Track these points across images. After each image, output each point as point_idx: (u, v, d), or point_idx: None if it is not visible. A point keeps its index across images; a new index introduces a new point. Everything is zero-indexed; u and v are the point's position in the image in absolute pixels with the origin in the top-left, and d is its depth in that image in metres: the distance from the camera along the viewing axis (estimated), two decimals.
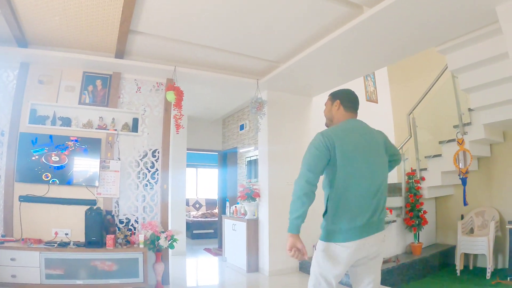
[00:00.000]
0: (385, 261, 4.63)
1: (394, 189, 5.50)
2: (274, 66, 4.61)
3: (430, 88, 5.32)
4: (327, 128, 2.28)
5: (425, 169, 5.32)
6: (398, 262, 4.63)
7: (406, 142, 5.26)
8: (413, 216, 5.05)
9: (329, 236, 1.99)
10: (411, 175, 5.22)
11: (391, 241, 5.01)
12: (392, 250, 5.02)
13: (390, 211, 4.55)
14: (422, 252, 5.12)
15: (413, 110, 5.38)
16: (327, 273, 1.99)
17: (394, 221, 5.03)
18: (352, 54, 4.11)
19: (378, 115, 6.76)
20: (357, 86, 6.33)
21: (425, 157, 5.39)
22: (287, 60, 4.40)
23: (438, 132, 5.54)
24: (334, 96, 2.33)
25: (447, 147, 5.13)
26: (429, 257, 5.07)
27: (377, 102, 6.85)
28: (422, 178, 5.26)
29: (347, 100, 2.28)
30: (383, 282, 4.30)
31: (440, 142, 5.26)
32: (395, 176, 5.94)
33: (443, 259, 5.31)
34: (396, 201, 5.24)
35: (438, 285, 4.45)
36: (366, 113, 6.40)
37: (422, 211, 5.13)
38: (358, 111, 2.33)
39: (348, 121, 2.23)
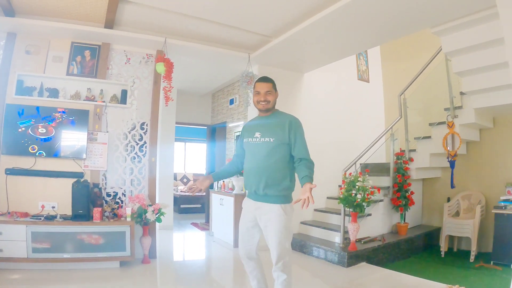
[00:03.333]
0: (370, 240, 4.72)
1: (382, 169, 5.53)
2: (267, 40, 4.54)
3: (423, 70, 5.29)
4: (266, 110, 2.69)
5: (414, 150, 5.34)
6: (384, 241, 4.72)
7: (396, 122, 5.25)
8: (400, 196, 5.11)
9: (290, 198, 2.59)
10: (400, 155, 5.24)
11: (377, 221, 5.09)
12: (378, 229, 5.10)
13: (378, 190, 4.58)
14: (408, 232, 5.21)
15: (404, 91, 5.36)
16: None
17: (381, 200, 5.09)
18: (345, 31, 4.06)
19: (369, 95, 6.78)
20: (349, 64, 6.34)
21: (415, 138, 5.40)
22: (279, 34, 4.33)
23: (428, 114, 5.55)
24: (275, 87, 2.73)
25: (437, 129, 5.15)
26: (414, 238, 5.16)
27: (368, 82, 6.82)
28: (411, 159, 5.29)
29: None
30: (369, 261, 4.40)
31: (430, 124, 5.28)
32: (383, 156, 6.00)
33: (428, 240, 5.41)
34: (384, 181, 5.27)
35: (422, 266, 4.53)
36: (357, 92, 6.52)
37: (409, 192, 5.19)
38: None
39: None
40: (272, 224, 2.48)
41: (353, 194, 4.24)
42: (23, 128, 4.03)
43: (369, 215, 4.87)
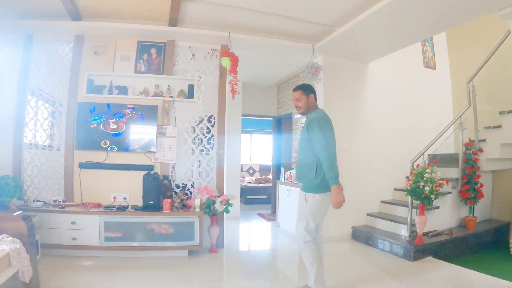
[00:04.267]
0: (437, 234, 4.54)
1: (450, 160, 5.28)
2: (330, 30, 4.47)
3: (491, 55, 4.98)
4: (302, 114, 3.09)
5: (484, 140, 5.04)
6: (451, 235, 4.52)
7: (465, 111, 5.00)
8: (469, 188, 4.86)
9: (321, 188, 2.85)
10: (469, 145, 4.98)
11: (445, 214, 4.87)
12: (446, 223, 4.89)
13: (447, 182, 4.40)
14: (476, 226, 4.94)
15: (473, 77, 5.07)
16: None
17: (449, 192, 4.87)
18: (409, 18, 3.90)
19: (436, 83, 6.48)
20: (414, 52, 6.09)
21: (484, 127, 5.09)
22: (342, 24, 4.25)
23: (498, 102, 5.20)
24: (307, 92, 3.01)
25: (508, 118, 4.82)
26: (483, 233, 4.90)
27: (435, 69, 6.51)
28: (480, 150, 5.00)
29: (315, 94, 3.08)
30: (435, 255, 4.24)
31: (501, 113, 4.93)
32: (452, 146, 5.72)
33: (497, 235, 5.09)
34: (452, 172, 5.03)
35: (490, 262, 4.28)
36: (423, 80, 6.29)
37: (478, 184, 4.92)
38: None
39: (321, 109, 3.10)
40: (298, 208, 3.00)
41: (421, 186, 4.10)
42: (95, 125, 4.27)
43: (437, 208, 4.68)
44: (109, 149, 4.27)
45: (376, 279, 3.59)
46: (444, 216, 4.87)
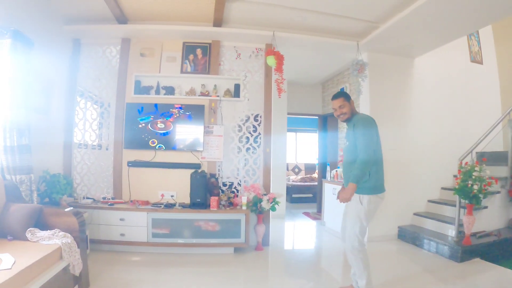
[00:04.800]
0: (486, 235, 4.41)
1: (499, 158, 5.12)
2: (374, 27, 4.43)
3: None
4: (346, 120, 3.10)
5: None
6: (500, 236, 4.39)
7: None
8: None
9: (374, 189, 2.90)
10: None
11: (493, 214, 4.73)
12: (494, 224, 4.74)
13: (496, 181, 4.28)
14: None
15: None
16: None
17: (498, 192, 4.73)
18: (455, 11, 3.80)
19: (483, 77, 6.32)
20: (460, 46, 5.94)
21: None
22: (386, 20, 4.20)
23: None
24: (347, 97, 3.08)
25: None
26: None
27: (482, 63, 6.33)
28: None
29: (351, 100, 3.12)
30: (483, 257, 4.12)
31: None
32: (501, 144, 5.56)
33: None
34: (501, 171, 4.88)
35: None
36: (471, 75, 6.13)
37: None
38: None
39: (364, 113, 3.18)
40: (350, 209, 3.01)
41: (469, 185, 4.00)
42: (143, 124, 4.39)
43: (485, 207, 4.55)
44: (157, 148, 4.38)
45: (421, 280, 3.53)
46: (493, 216, 4.73)
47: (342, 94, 3.09)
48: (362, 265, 2.88)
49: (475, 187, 3.96)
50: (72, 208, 3.06)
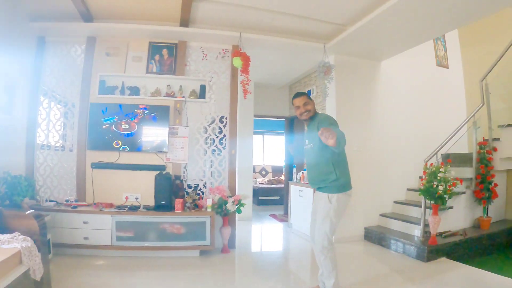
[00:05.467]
0: (451, 234, 4.49)
1: (464, 159, 5.23)
2: (341, 29, 4.44)
3: (505, 52, 4.92)
4: (310, 118, 3.10)
5: (498, 139, 4.97)
6: (465, 235, 4.46)
7: (478, 109, 4.94)
8: (483, 188, 4.80)
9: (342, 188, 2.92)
10: (483, 144, 4.91)
11: (459, 214, 4.81)
12: (460, 223, 4.83)
13: (461, 182, 4.34)
14: (490, 227, 4.87)
15: (486, 75, 5.01)
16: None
17: (463, 192, 4.81)
18: (422, 15, 3.86)
19: (449, 81, 6.44)
20: (427, 50, 6.05)
21: (498, 126, 5.01)
22: (354, 22, 4.23)
23: None
24: (309, 96, 3.12)
25: None
26: (497, 233, 4.81)
27: (447, 67, 6.47)
28: (494, 149, 4.93)
29: None
30: (449, 256, 4.19)
31: None
32: (466, 146, 5.68)
33: (511, 236, 5.02)
34: (466, 172, 4.98)
35: (505, 263, 4.21)
36: (436, 79, 6.23)
37: (492, 184, 4.84)
38: None
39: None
40: (319, 209, 2.99)
41: (435, 186, 4.05)
42: (107, 125, 4.30)
43: (451, 208, 4.62)
44: (121, 149, 4.29)
45: (389, 280, 3.56)
46: (458, 217, 4.81)
47: (305, 93, 3.13)
48: (331, 265, 2.90)
49: (440, 187, 4.01)
50: (33, 210, 2.95)
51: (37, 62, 4.41)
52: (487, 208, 4.93)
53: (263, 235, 5.97)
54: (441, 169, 4.13)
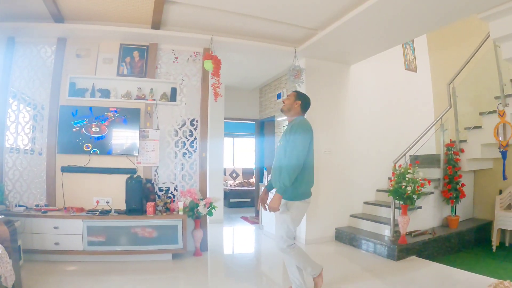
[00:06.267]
0: (421, 233, 4.61)
1: (432, 161, 5.37)
2: (312, 33, 4.50)
3: (471, 57, 5.06)
4: (283, 112, 3.19)
5: (465, 141, 5.13)
6: (434, 234, 4.60)
7: (446, 112, 5.08)
8: (451, 188, 4.94)
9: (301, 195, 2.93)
10: (450, 146, 5.06)
11: (427, 214, 4.95)
12: (429, 223, 4.97)
13: (429, 182, 4.46)
14: (459, 225, 5.03)
15: (453, 79, 5.16)
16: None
17: (431, 192, 4.94)
18: (391, 21, 3.95)
19: (417, 85, 6.60)
20: (396, 55, 6.20)
21: (465, 128, 5.17)
22: (325, 27, 4.29)
23: (478, 103, 5.29)
24: (300, 97, 3.12)
25: (488, 118, 4.90)
26: (465, 231, 4.97)
27: (416, 71, 6.63)
28: (461, 150, 5.09)
29: (304, 105, 3.14)
30: (419, 254, 4.30)
31: (481, 114, 5.03)
32: (434, 147, 5.82)
33: (479, 234, 5.19)
34: (434, 173, 5.12)
35: (473, 260, 4.35)
36: (405, 83, 6.39)
37: (460, 184, 4.99)
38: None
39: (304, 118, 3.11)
40: (277, 214, 3.01)
41: (403, 186, 4.15)
42: (77, 128, 4.23)
43: (419, 208, 4.75)
44: (91, 152, 4.23)
45: (361, 279, 3.62)
46: (427, 216, 4.94)
47: (298, 92, 3.19)
48: (299, 258, 2.95)
49: (409, 188, 4.11)
50: (3, 216, 2.89)
51: (6, 63, 4.29)
52: (455, 207, 5.08)
53: (235, 238, 5.99)
54: (409, 170, 4.24)
